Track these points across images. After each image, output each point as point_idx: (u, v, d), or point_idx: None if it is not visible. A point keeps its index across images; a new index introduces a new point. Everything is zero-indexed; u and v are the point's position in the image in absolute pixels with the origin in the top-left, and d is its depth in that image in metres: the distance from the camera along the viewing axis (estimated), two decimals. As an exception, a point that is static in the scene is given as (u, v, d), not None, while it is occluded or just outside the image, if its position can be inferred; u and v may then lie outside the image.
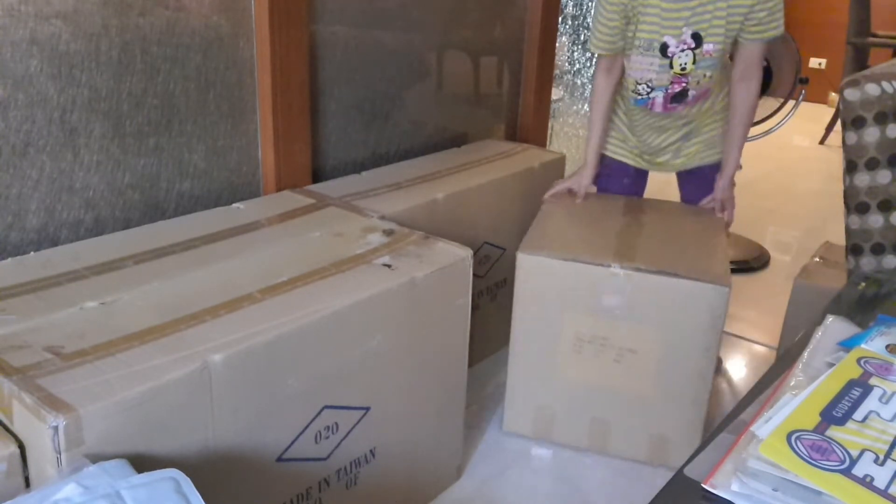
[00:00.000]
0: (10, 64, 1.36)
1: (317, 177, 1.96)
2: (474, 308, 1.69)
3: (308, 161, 1.90)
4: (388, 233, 1.60)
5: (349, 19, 1.96)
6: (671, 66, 1.82)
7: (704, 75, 1.83)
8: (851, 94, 1.09)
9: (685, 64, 1.80)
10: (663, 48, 1.81)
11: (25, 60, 1.38)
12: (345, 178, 2.00)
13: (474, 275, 1.60)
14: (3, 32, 1.34)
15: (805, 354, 0.71)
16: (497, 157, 2.26)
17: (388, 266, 1.44)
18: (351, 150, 2.07)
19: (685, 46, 1.78)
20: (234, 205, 1.72)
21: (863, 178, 1.10)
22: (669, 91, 1.87)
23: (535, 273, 1.73)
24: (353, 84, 2.02)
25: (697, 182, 2.12)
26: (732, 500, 0.53)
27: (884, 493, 0.51)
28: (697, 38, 1.76)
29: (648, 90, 1.89)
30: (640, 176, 2.19)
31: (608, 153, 2.15)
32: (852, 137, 1.12)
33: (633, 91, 1.93)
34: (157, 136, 1.61)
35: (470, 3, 2.34)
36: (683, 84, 1.85)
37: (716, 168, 2.05)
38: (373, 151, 2.14)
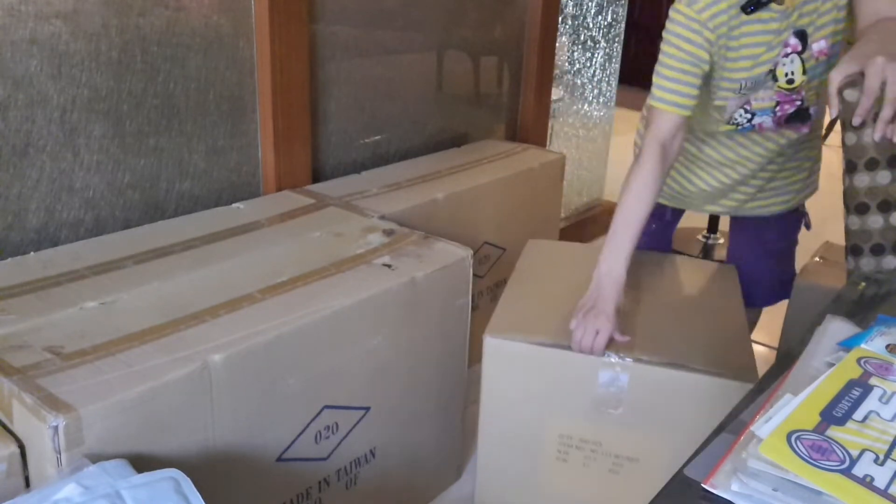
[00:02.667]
0: (10, 64, 1.36)
1: (317, 177, 1.96)
2: (474, 308, 1.68)
3: (308, 161, 1.90)
4: (388, 233, 1.60)
5: (349, 19, 1.96)
6: (774, 79, 1.36)
7: (821, 83, 1.38)
8: (851, 94, 1.09)
9: (792, 74, 1.34)
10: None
11: (25, 60, 1.38)
12: (345, 178, 2.00)
13: (474, 275, 1.60)
14: (3, 32, 1.34)
15: (805, 354, 0.71)
16: (497, 157, 2.26)
17: (388, 266, 1.44)
18: (351, 150, 2.07)
19: (790, 51, 1.33)
20: (234, 205, 1.72)
21: (862, 179, 1.10)
22: (780, 114, 1.40)
23: (505, 361, 1.38)
24: (353, 84, 2.02)
25: (754, 234, 1.67)
26: (732, 500, 0.53)
27: (884, 493, 0.51)
28: (802, 36, 1.31)
29: (748, 116, 1.41)
30: (675, 219, 1.72)
31: None
32: (852, 138, 1.12)
33: (723, 125, 1.45)
34: (157, 136, 1.61)
35: (470, 3, 2.34)
36: (797, 102, 1.38)
37: (779, 223, 1.63)
38: (373, 151, 2.14)
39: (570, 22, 2.89)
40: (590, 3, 2.93)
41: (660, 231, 1.70)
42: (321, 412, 1.31)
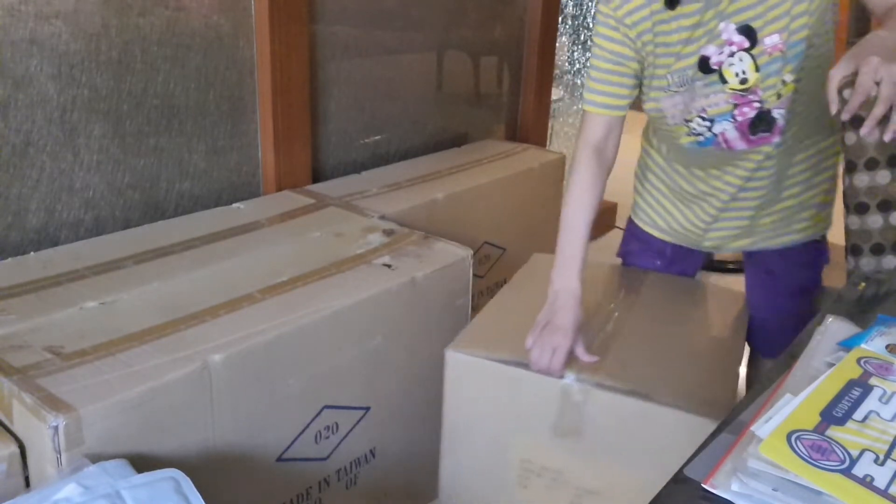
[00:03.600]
0: (10, 64, 1.36)
1: (317, 177, 1.96)
2: (474, 308, 1.68)
3: (308, 161, 1.90)
4: (388, 233, 1.60)
5: (349, 19, 1.96)
6: (723, 80, 1.22)
7: (783, 82, 1.21)
8: (851, 94, 1.09)
9: (743, 73, 1.20)
10: (703, 64, 1.22)
11: (25, 60, 1.38)
12: (345, 178, 2.00)
13: (474, 275, 1.60)
14: (3, 32, 1.34)
15: (805, 354, 0.71)
16: (497, 157, 2.26)
17: (388, 266, 1.44)
18: (351, 150, 2.07)
19: (735, 49, 1.19)
20: (234, 205, 1.72)
21: (862, 179, 1.10)
22: (740, 119, 1.24)
23: (468, 378, 1.29)
24: (353, 84, 2.02)
25: (765, 270, 1.47)
26: (732, 500, 0.53)
27: (884, 493, 0.51)
28: (748, 31, 1.17)
29: (707, 124, 1.27)
30: (680, 256, 1.53)
31: (636, 219, 1.56)
32: (852, 137, 1.12)
33: (684, 137, 1.31)
34: (157, 136, 1.61)
35: (470, 3, 2.34)
36: (755, 104, 1.22)
37: (796, 256, 1.43)
38: (373, 151, 2.14)
39: (570, 22, 2.89)
40: (590, 3, 2.93)
41: (668, 265, 1.54)
42: (321, 412, 1.31)
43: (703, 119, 1.27)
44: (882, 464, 0.53)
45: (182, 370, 1.07)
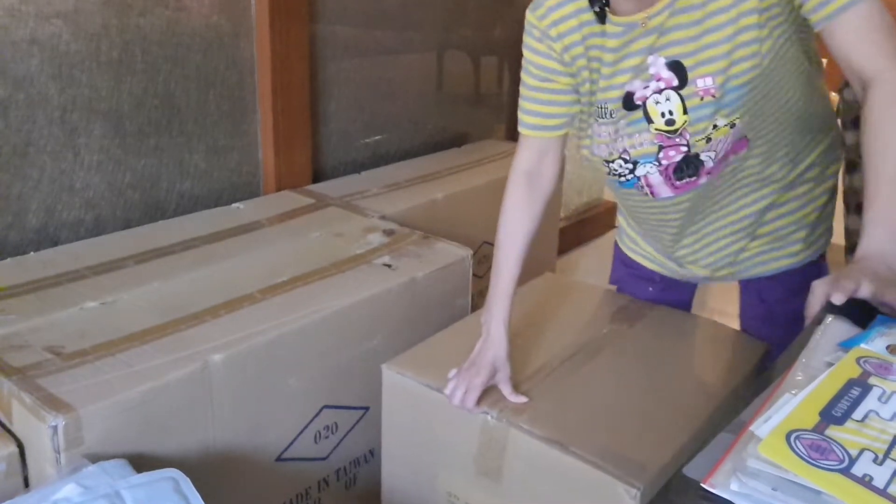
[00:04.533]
0: (11, 64, 1.36)
1: (317, 177, 1.96)
2: (474, 308, 1.68)
3: (308, 161, 1.90)
4: (388, 233, 1.60)
5: (349, 19, 1.96)
6: (648, 120, 1.07)
7: (714, 126, 1.04)
8: (851, 94, 1.09)
9: (670, 113, 1.05)
10: (627, 100, 1.07)
11: (25, 60, 1.38)
12: (345, 178, 2.00)
13: (474, 275, 1.60)
14: (4, 32, 1.34)
15: (805, 354, 0.71)
16: (497, 157, 2.26)
17: (389, 266, 1.44)
18: (351, 150, 2.07)
19: (663, 85, 1.04)
20: (234, 205, 1.72)
21: (862, 179, 1.10)
22: (665, 163, 1.10)
23: (402, 398, 1.21)
24: (353, 84, 2.02)
25: (757, 296, 1.32)
26: (732, 500, 0.53)
27: (883, 493, 0.51)
28: (678, 68, 1.02)
29: (629, 166, 1.12)
30: (669, 286, 1.39)
31: (620, 244, 1.43)
32: (851, 138, 1.12)
33: (608, 173, 1.18)
34: (158, 136, 1.61)
35: (470, 3, 2.34)
36: (682, 147, 1.07)
37: (789, 280, 1.25)
38: (373, 151, 2.14)
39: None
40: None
41: (661, 293, 1.41)
42: (321, 412, 1.31)
43: (626, 161, 1.12)
44: (881, 463, 0.53)
45: (182, 370, 1.07)
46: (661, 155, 1.09)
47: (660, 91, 1.05)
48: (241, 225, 1.60)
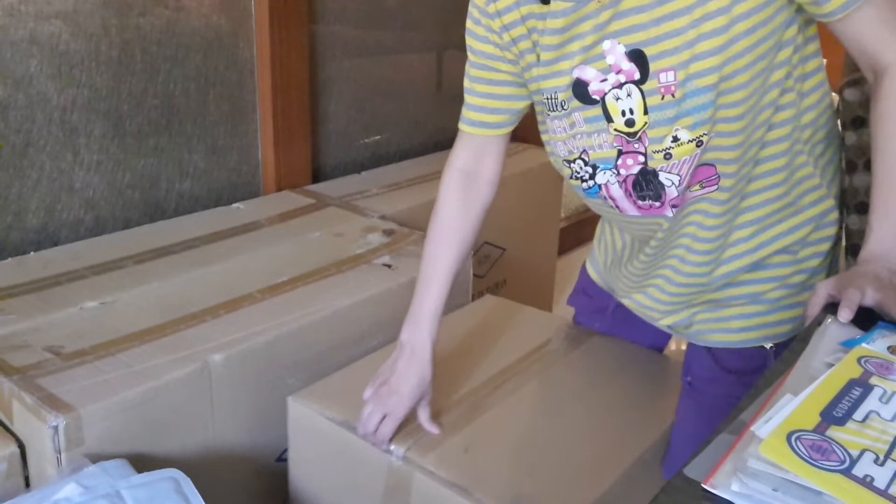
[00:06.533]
0: (10, 64, 1.36)
1: (317, 177, 1.96)
2: (474, 308, 1.68)
3: (308, 161, 1.90)
4: (388, 233, 1.60)
5: (349, 19, 1.96)
6: (608, 118, 0.92)
7: (674, 139, 0.89)
8: (851, 94, 1.09)
9: (630, 112, 0.90)
10: (578, 89, 0.92)
11: (25, 60, 1.38)
12: (345, 178, 2.00)
13: (474, 275, 1.60)
14: (3, 32, 1.34)
15: (805, 354, 0.71)
16: (497, 157, 2.26)
17: (388, 266, 1.44)
18: (351, 150, 2.07)
19: (623, 79, 0.89)
20: (234, 205, 1.72)
21: (863, 179, 1.10)
22: (622, 172, 0.94)
23: (309, 432, 1.12)
24: (353, 84, 2.02)
25: (689, 383, 1.11)
26: (732, 500, 0.53)
27: (884, 494, 0.51)
28: (639, 58, 0.88)
29: (588, 170, 0.96)
30: (627, 314, 1.15)
31: (587, 264, 1.26)
32: (852, 138, 1.12)
33: (570, 177, 1.00)
34: (157, 136, 1.61)
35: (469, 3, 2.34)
36: (640, 158, 0.92)
37: (743, 357, 1.05)
38: (373, 151, 2.14)
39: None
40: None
41: (613, 326, 1.26)
42: (321, 412, 1.31)
43: (585, 163, 0.96)
44: (882, 464, 0.53)
45: (182, 370, 1.07)
46: (619, 162, 0.93)
47: (620, 85, 0.90)
48: (241, 225, 1.60)
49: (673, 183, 0.92)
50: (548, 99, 0.96)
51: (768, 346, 1.04)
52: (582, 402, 1.16)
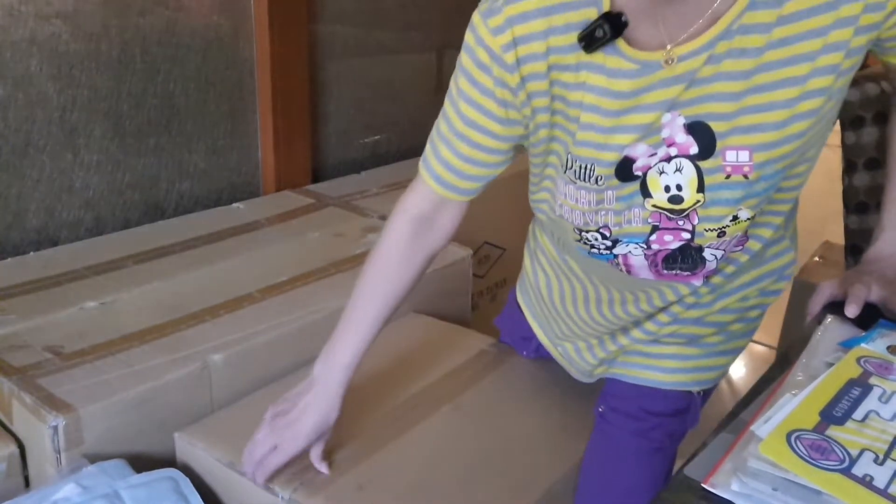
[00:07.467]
0: (10, 64, 1.36)
1: (317, 177, 1.96)
2: (474, 308, 1.68)
3: (308, 161, 1.90)
4: (388, 233, 1.60)
5: (349, 19, 1.96)
6: (645, 193, 0.80)
7: (734, 218, 0.80)
8: (851, 93, 1.09)
9: (678, 188, 0.78)
10: (622, 168, 0.79)
11: (25, 60, 1.38)
12: (345, 178, 2.00)
13: (474, 275, 1.60)
14: (3, 32, 1.34)
15: (805, 354, 0.71)
16: (497, 157, 2.26)
17: (388, 266, 1.44)
18: (351, 150, 2.07)
19: (674, 152, 0.77)
20: (234, 205, 1.72)
21: (862, 179, 1.10)
22: (655, 248, 0.83)
23: (197, 469, 1.03)
24: (353, 84, 2.02)
25: (601, 415, 1.03)
26: (732, 500, 0.53)
27: (883, 493, 0.51)
28: (703, 132, 0.76)
29: (607, 242, 0.85)
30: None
31: (518, 292, 1.18)
32: (851, 137, 1.12)
33: (576, 240, 0.89)
34: (157, 136, 1.61)
35: (470, 3, 2.33)
36: (684, 234, 0.81)
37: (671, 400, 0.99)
38: (373, 151, 2.14)
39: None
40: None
41: (541, 356, 1.17)
42: (321, 412, 1.30)
43: (604, 237, 0.85)
44: (881, 463, 0.53)
45: (182, 370, 1.07)
46: (653, 238, 0.82)
47: (669, 159, 0.77)
48: (241, 225, 1.60)
49: (716, 258, 0.84)
50: (579, 168, 0.81)
51: (696, 391, 0.98)
52: (490, 430, 1.08)
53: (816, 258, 1.95)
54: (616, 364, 1.01)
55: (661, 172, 0.78)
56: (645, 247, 0.83)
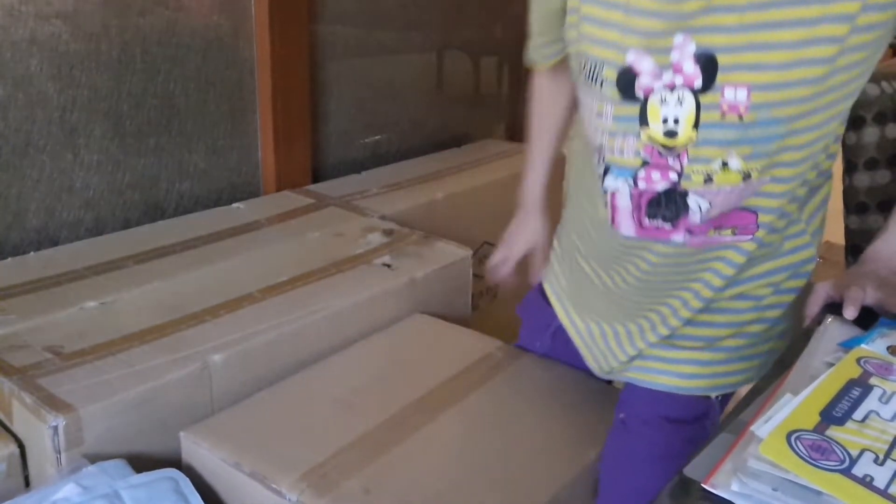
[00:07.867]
0: (10, 64, 1.36)
1: (317, 177, 1.96)
2: (474, 308, 1.68)
3: (308, 161, 1.90)
4: (388, 233, 1.60)
5: (349, 19, 1.96)
6: (643, 121, 0.80)
7: (723, 164, 0.79)
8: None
9: (675, 121, 0.78)
10: (625, 79, 0.79)
11: (25, 60, 1.38)
12: (345, 178, 2.00)
13: (474, 275, 1.60)
14: (3, 32, 1.34)
15: (805, 354, 0.71)
16: (497, 157, 2.26)
17: (388, 266, 1.44)
18: (351, 150, 2.07)
19: (680, 80, 0.76)
20: (234, 205, 1.72)
21: (862, 179, 1.10)
22: (641, 186, 0.83)
23: (204, 472, 1.03)
24: (353, 84, 2.02)
25: (623, 421, 1.01)
26: (732, 500, 0.53)
27: (884, 493, 0.51)
28: (708, 63, 0.75)
29: (601, 168, 0.86)
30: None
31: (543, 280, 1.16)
32: (851, 137, 1.12)
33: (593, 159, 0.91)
34: (157, 136, 1.61)
35: (470, 3, 2.34)
36: (671, 175, 0.81)
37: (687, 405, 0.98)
38: (373, 151, 2.14)
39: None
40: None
41: (553, 349, 1.18)
42: (321, 412, 1.31)
43: (598, 161, 0.86)
44: (882, 464, 0.53)
45: (182, 370, 1.07)
46: (641, 173, 0.81)
47: (672, 87, 0.76)
48: (241, 225, 1.60)
49: (701, 208, 0.81)
50: (585, 67, 0.82)
51: (714, 396, 0.97)
52: (497, 434, 1.08)
53: (816, 258, 1.95)
54: (632, 369, 1.00)
55: (663, 101, 0.78)
56: (632, 183, 0.83)
